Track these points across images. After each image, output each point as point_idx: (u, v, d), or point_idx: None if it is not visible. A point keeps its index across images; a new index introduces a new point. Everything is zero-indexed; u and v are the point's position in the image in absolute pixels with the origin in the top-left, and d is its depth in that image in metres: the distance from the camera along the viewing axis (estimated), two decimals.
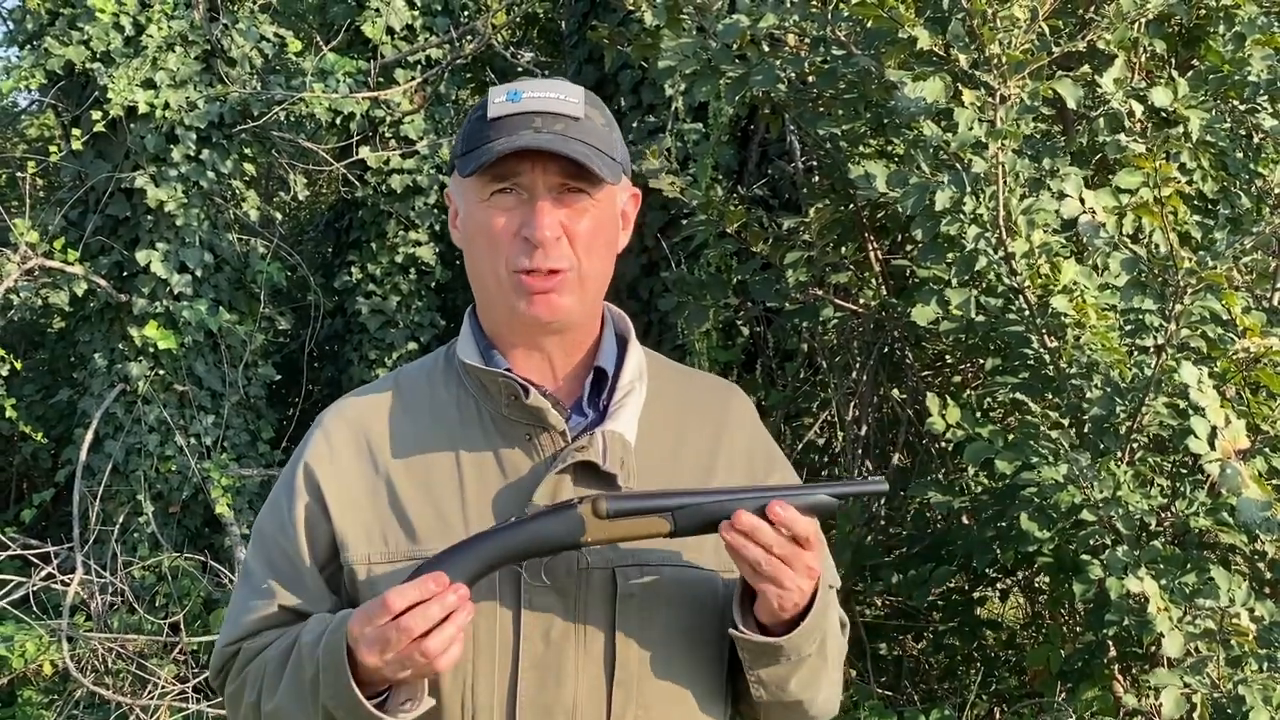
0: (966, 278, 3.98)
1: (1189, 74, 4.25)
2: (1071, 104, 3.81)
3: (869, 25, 4.01)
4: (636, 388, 1.91)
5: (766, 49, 4.39)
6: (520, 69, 8.27)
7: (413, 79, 7.43)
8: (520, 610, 1.80)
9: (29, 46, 6.71)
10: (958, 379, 5.53)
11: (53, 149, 6.90)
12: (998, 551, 4.49)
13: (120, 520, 6.75)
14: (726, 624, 1.81)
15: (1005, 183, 3.70)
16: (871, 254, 4.97)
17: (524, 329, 1.88)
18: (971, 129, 3.70)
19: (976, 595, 5.42)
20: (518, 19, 9.71)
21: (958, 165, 3.75)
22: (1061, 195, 3.87)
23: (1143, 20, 4.14)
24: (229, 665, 1.93)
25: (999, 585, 5.54)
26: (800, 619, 1.77)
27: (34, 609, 6.29)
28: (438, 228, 7.46)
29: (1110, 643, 4.42)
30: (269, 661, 1.85)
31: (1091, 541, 3.97)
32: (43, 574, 6.24)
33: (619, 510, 1.74)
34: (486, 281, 1.87)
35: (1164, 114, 4.20)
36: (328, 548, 1.86)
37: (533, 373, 1.89)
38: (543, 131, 1.79)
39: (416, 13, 7.53)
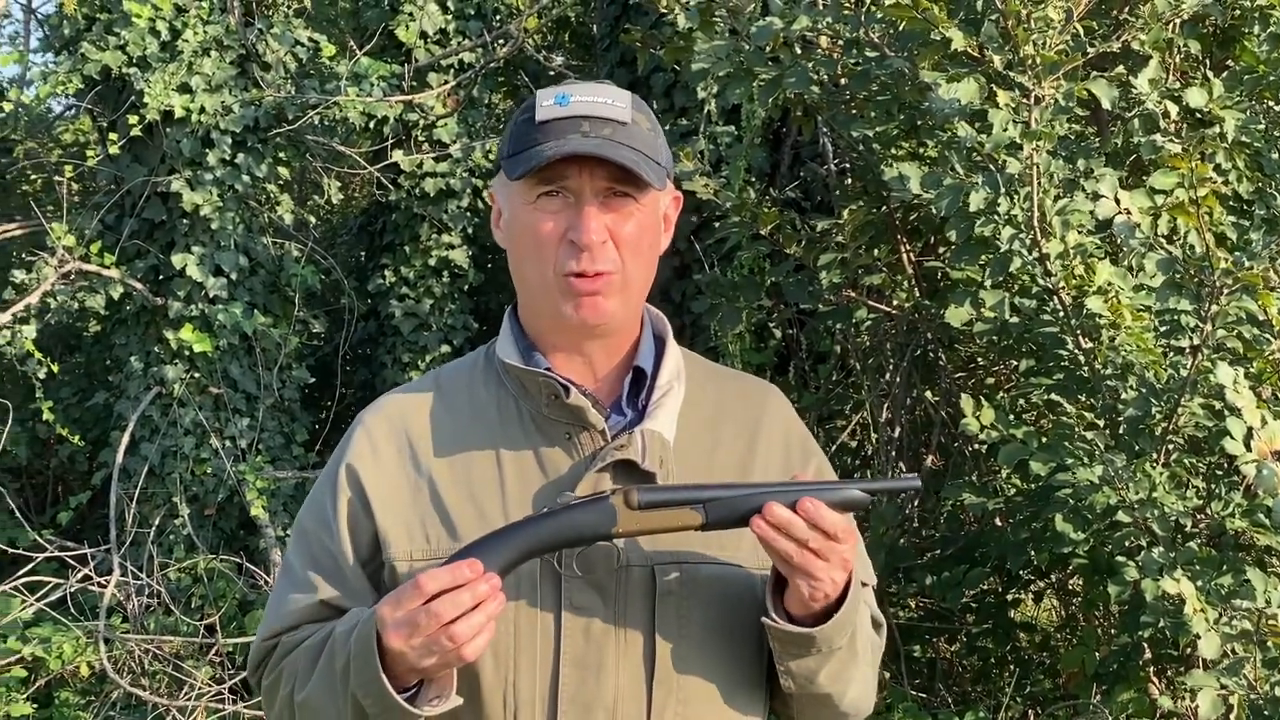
0: (1000, 279, 3.98)
1: (1224, 75, 4.24)
2: (1106, 105, 3.80)
3: (902, 27, 4.01)
4: (675, 387, 1.93)
5: (800, 51, 4.40)
6: (552, 72, 8.30)
7: (445, 83, 7.46)
8: (561, 607, 1.81)
9: (65, 52, 6.75)
10: (991, 380, 5.51)
11: (89, 153, 6.95)
12: (1031, 554, 4.48)
13: (156, 522, 6.78)
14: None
15: (1039, 184, 3.70)
16: (905, 256, 4.97)
17: (568, 332, 1.89)
18: (1006, 130, 3.70)
19: (1010, 597, 5.41)
20: (549, 22, 9.76)
21: (991, 166, 3.75)
22: (1096, 196, 3.86)
23: (1177, 21, 4.14)
24: (266, 659, 1.94)
25: (1033, 587, 5.53)
26: (833, 611, 1.77)
27: (71, 611, 6.34)
28: (471, 231, 7.49)
29: (1145, 645, 4.41)
30: (304, 652, 1.87)
31: (1127, 543, 3.96)
32: (79, 576, 6.29)
33: (651, 502, 1.75)
34: (531, 283, 1.88)
35: (1199, 115, 4.18)
36: (369, 544, 1.88)
37: (573, 373, 1.90)
38: (590, 136, 1.80)
39: (450, 17, 7.55)
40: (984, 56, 3.79)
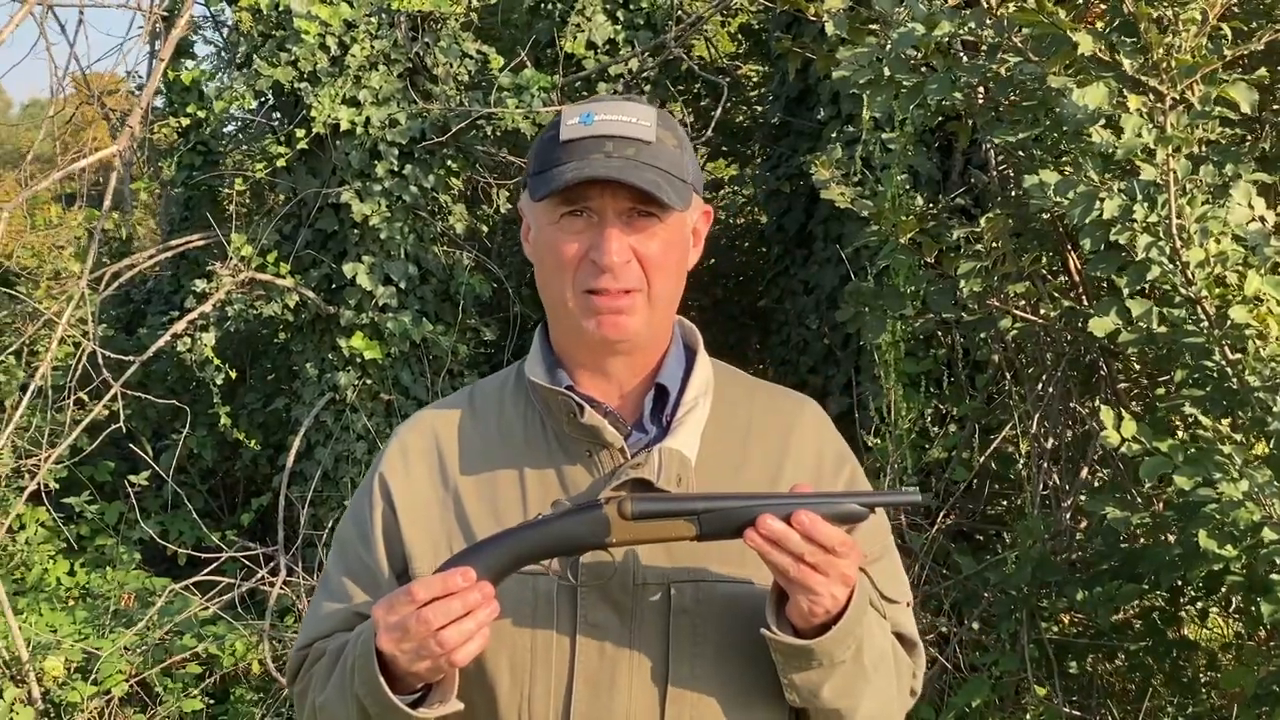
0: (1139, 288, 3.87)
1: None
2: (1245, 108, 3.66)
3: (1030, 32, 3.93)
4: (700, 403, 1.92)
5: (961, 56, 4.34)
6: (728, 79, 8.30)
7: (615, 92, 7.51)
8: (576, 624, 1.83)
9: (242, 69, 6.98)
10: (1160, 391, 5.36)
11: (257, 166, 7.16)
12: (1185, 571, 4.34)
13: (330, 525, 6.96)
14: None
15: (1176, 190, 3.59)
16: (1072, 263, 4.86)
17: (592, 349, 1.90)
18: (1140, 135, 3.60)
19: (1172, 614, 5.24)
20: (730, 31, 9.78)
21: (1126, 173, 3.66)
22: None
23: None
24: (300, 666, 1.99)
25: (1199, 604, 5.36)
26: (835, 624, 1.75)
27: (251, 609, 6.56)
28: None
29: None
30: (328, 657, 1.92)
31: (1277, 560, 3.82)
32: (256, 577, 6.49)
33: (645, 512, 1.75)
34: (555, 301, 1.90)
35: None
36: (402, 557, 1.91)
37: (597, 390, 1.92)
38: (613, 156, 1.81)
39: (619, 27, 7.61)
40: (1115, 60, 3.69)
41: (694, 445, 1.89)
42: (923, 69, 4.36)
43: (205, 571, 6.52)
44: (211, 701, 6.37)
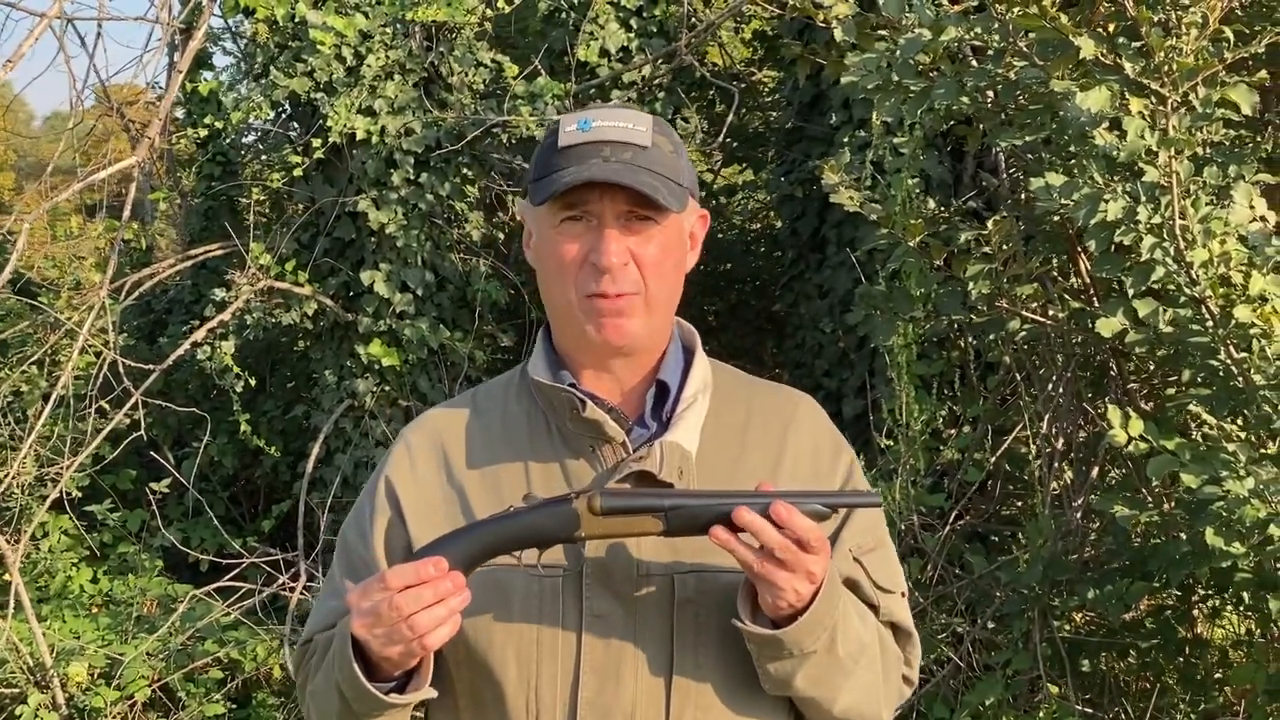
0: (1144, 288, 3.91)
1: None
2: (1246, 110, 3.70)
3: (1033, 36, 3.97)
4: (699, 400, 1.97)
5: (971, 61, 4.37)
6: (742, 85, 8.34)
7: (629, 99, 7.56)
8: (582, 614, 1.88)
9: (258, 80, 7.05)
10: (1171, 390, 5.38)
11: (275, 176, 7.23)
12: (1193, 568, 4.37)
13: None
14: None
15: (1179, 192, 3.63)
16: (1082, 265, 4.90)
17: (593, 351, 1.96)
18: (1142, 137, 3.64)
19: (1183, 611, 5.27)
20: (745, 38, 9.82)
21: (1130, 175, 3.69)
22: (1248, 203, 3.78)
23: None
24: (303, 660, 2.04)
25: (1210, 602, 5.38)
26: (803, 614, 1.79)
27: (272, 615, 6.62)
28: None
29: None
30: (320, 649, 1.97)
31: None
32: (277, 582, 6.56)
33: (612, 508, 1.79)
34: (557, 305, 1.96)
35: None
36: (404, 556, 1.94)
37: (600, 388, 1.97)
38: (611, 160, 1.86)
39: (632, 35, 7.66)
40: (1117, 64, 3.73)
41: (694, 440, 1.94)
42: (930, 74, 4.40)
43: (227, 578, 6.59)
44: (234, 706, 6.43)
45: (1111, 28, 3.90)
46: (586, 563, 1.88)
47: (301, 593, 6.41)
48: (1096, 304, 4.75)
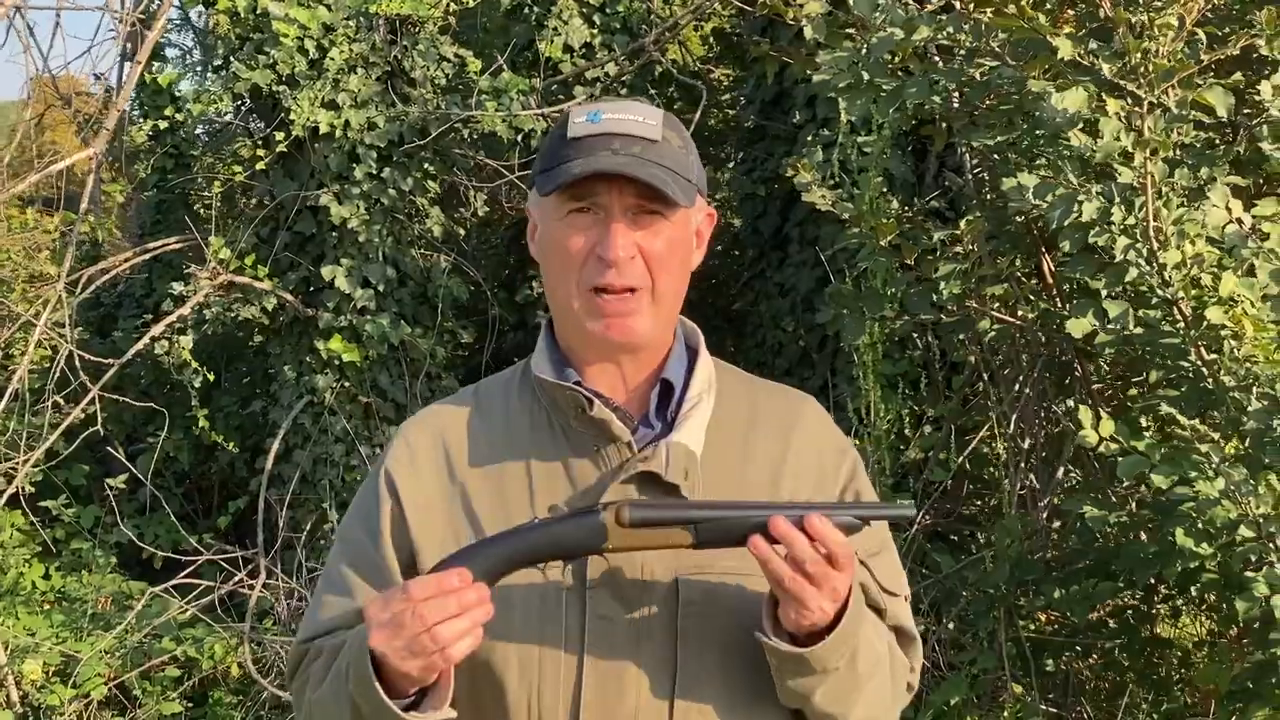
0: (1118, 289, 3.92)
1: None
2: (1221, 112, 3.72)
3: (1010, 37, 3.97)
4: (704, 399, 1.95)
5: (936, 61, 4.37)
6: (703, 84, 8.33)
7: (591, 95, 7.54)
8: (586, 616, 1.84)
9: (219, 72, 6.99)
10: (1134, 391, 5.41)
11: (235, 169, 7.17)
12: (1160, 569, 4.39)
13: (308, 527, 6.97)
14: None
15: (1153, 193, 3.64)
16: (1045, 266, 4.91)
17: (598, 347, 1.93)
18: (1117, 139, 3.65)
19: (1147, 612, 5.30)
20: (703, 35, 9.81)
21: (1104, 176, 3.70)
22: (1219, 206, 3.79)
23: None
24: (300, 662, 1.99)
25: (1172, 602, 5.41)
26: (827, 632, 1.76)
27: (232, 612, 6.56)
28: None
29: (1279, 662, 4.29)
30: (327, 654, 1.92)
31: (1252, 557, 3.86)
32: (235, 579, 6.49)
33: (642, 519, 1.76)
34: (561, 299, 1.92)
35: None
36: (410, 554, 1.92)
37: (604, 386, 1.94)
38: (620, 153, 1.84)
39: (595, 31, 7.64)
40: (1093, 65, 3.74)
41: (699, 440, 1.91)
42: (899, 73, 4.39)
43: (182, 575, 6.52)
44: (190, 704, 6.36)
45: (1069, 29, 3.90)
46: (591, 565, 1.85)
47: (261, 590, 6.35)
48: (1059, 305, 4.76)
